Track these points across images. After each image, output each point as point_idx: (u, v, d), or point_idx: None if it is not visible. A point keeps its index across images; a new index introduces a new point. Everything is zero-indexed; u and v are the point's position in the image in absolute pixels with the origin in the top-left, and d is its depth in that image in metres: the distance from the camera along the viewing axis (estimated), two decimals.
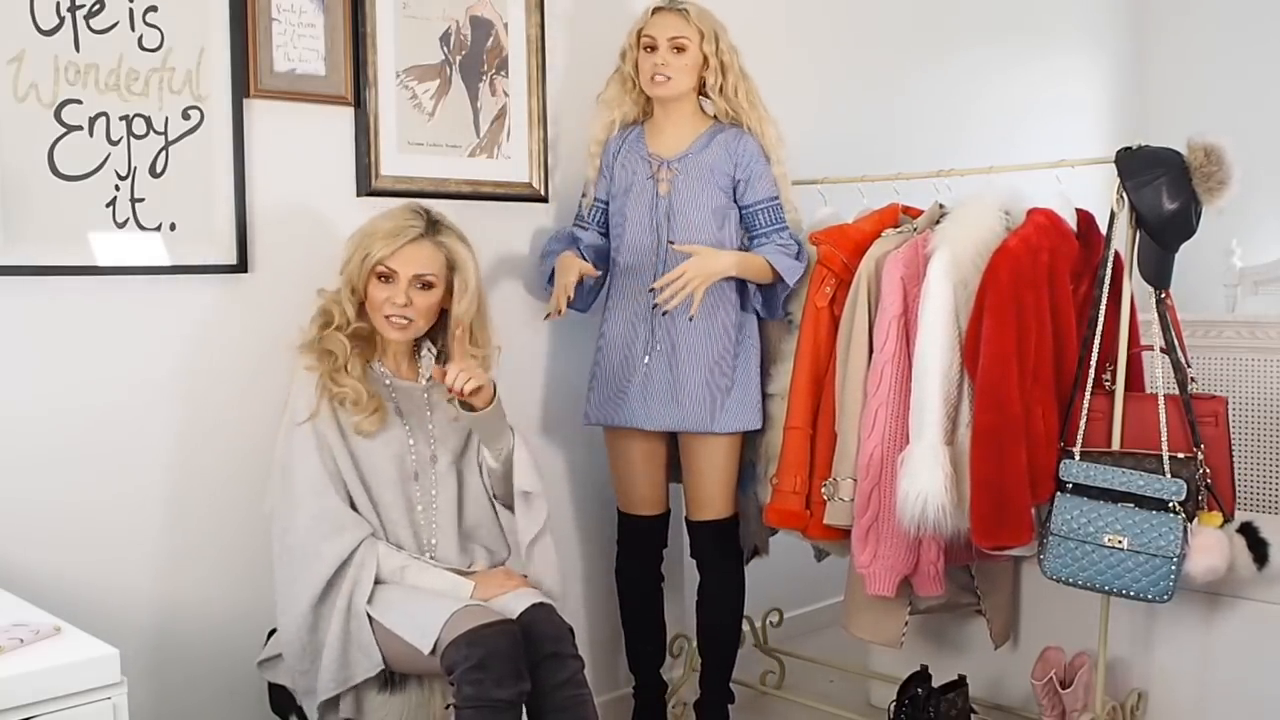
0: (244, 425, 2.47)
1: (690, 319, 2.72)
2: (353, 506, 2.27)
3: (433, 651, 2.09)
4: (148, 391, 2.37)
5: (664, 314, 2.74)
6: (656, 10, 2.78)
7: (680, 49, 2.74)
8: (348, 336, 2.30)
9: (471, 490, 2.42)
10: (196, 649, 2.45)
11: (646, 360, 2.80)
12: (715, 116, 2.87)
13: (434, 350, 2.46)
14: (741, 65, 2.82)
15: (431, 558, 2.33)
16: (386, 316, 2.30)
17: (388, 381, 2.37)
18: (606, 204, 2.91)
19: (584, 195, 2.94)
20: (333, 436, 2.27)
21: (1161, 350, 2.57)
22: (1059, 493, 2.55)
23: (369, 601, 2.19)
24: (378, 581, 2.22)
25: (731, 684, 3.06)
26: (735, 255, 2.75)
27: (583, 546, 3.20)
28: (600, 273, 2.82)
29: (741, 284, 2.84)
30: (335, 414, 2.28)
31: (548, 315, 2.84)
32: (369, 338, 2.36)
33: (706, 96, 2.85)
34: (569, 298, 2.73)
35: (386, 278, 2.30)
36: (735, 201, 2.83)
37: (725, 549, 2.95)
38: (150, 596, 2.39)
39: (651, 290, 2.73)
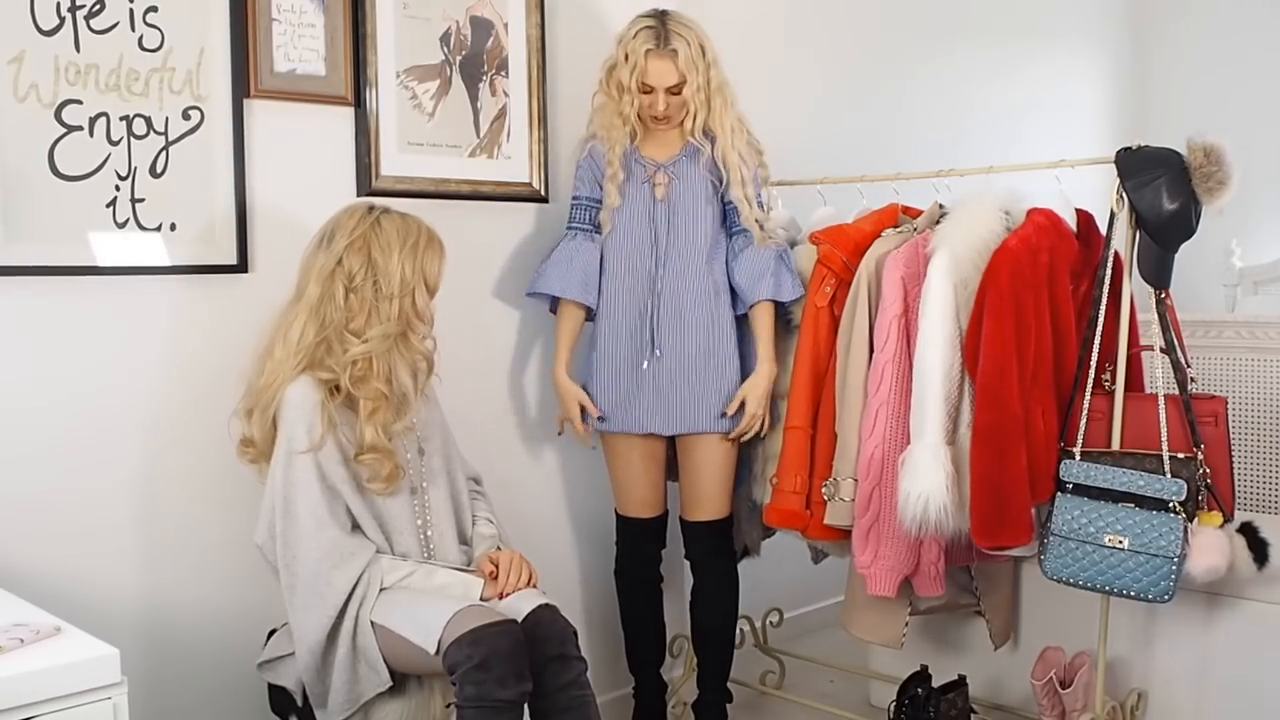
0: None
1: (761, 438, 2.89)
2: (354, 524, 2.25)
3: (436, 651, 2.08)
4: (148, 391, 2.37)
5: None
6: (649, 52, 2.72)
7: (676, 93, 2.76)
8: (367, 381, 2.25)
9: (457, 484, 2.44)
10: (197, 649, 2.45)
11: (645, 365, 2.81)
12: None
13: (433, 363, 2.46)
14: (722, 78, 2.81)
15: (432, 558, 2.33)
16: None
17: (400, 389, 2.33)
18: (598, 205, 2.89)
19: (583, 205, 2.88)
20: (334, 463, 2.22)
21: (1161, 350, 2.56)
22: (1059, 493, 2.54)
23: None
24: (381, 590, 2.22)
25: (732, 684, 3.07)
26: (764, 356, 2.82)
27: (581, 548, 3.20)
28: (599, 414, 2.86)
29: (729, 282, 2.85)
30: (338, 438, 2.23)
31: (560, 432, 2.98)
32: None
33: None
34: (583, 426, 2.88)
35: None
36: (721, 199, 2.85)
37: (721, 549, 2.96)
38: (150, 597, 2.39)
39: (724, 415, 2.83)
